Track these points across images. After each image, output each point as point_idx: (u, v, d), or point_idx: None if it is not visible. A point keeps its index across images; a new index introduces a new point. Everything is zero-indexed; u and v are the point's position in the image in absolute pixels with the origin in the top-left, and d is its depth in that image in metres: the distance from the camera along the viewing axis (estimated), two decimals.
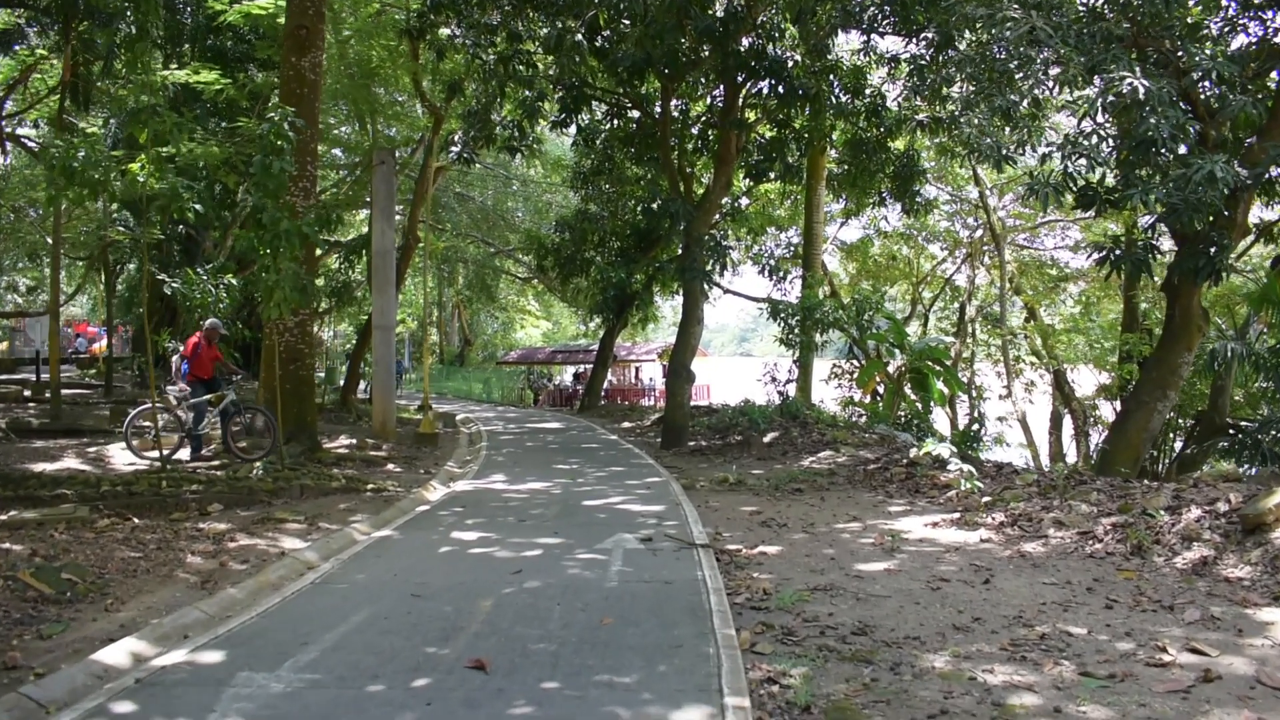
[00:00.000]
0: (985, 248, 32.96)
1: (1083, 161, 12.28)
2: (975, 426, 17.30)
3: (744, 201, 30.50)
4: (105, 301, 26.56)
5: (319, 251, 15.43)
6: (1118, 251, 13.23)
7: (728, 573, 7.81)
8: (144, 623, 6.19)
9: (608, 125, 22.53)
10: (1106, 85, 11.10)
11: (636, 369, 45.74)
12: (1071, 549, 8.50)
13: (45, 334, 44.36)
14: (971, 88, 12.86)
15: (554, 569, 7.57)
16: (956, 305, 35.23)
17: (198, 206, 11.80)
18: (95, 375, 34.09)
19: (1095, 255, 13.79)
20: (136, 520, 9.84)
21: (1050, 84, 12.64)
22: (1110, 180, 12.90)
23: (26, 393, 23.58)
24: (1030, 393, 30.20)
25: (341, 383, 35.70)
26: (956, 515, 10.28)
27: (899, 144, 21.45)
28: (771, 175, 21.97)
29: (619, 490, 12.46)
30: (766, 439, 17.58)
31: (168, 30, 24.14)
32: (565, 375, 50.22)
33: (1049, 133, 17.82)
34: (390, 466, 15.46)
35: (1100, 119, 12.07)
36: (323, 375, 40.80)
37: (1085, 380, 31.50)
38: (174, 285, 22.48)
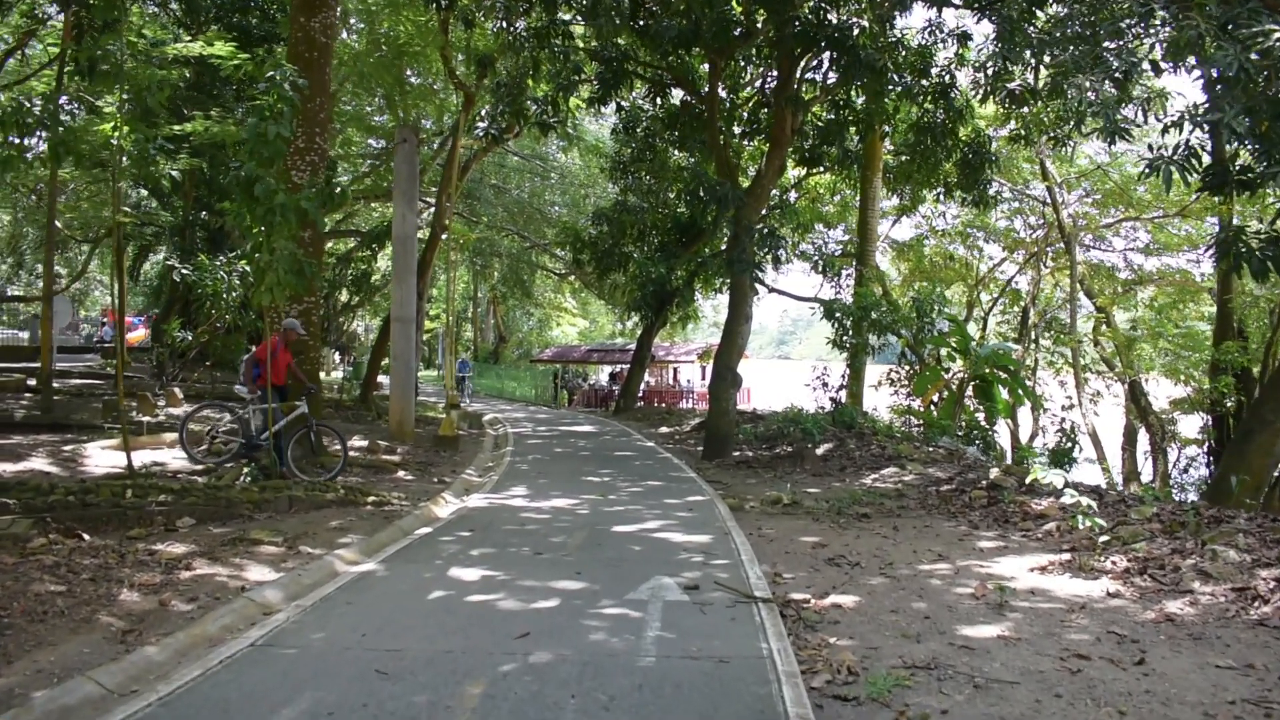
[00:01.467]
0: (1050, 248, 30.87)
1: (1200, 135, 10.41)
2: (1066, 443, 15.31)
3: (791, 196, 28.70)
4: (118, 288, 25.18)
5: (325, 228, 13.80)
6: (1241, 246, 11.28)
7: (796, 635, 6.08)
8: (11, 700, 4.56)
9: (649, 106, 20.81)
10: (1250, 41, 9.21)
11: (675, 370, 43.99)
12: (1230, 612, 6.67)
13: (79, 319, 43.47)
14: (1076, 49, 10.98)
15: (571, 632, 5.83)
16: (1017, 309, 33.13)
17: (174, 173, 10.24)
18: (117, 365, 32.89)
19: (1211, 249, 11.85)
20: (85, 538, 8.29)
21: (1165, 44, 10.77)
22: (1246, 157, 10.97)
23: (31, 382, 22.26)
24: (1095, 404, 28.12)
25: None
26: (1066, 556, 8.46)
27: (966, 131, 19.55)
28: (826, 163, 20.18)
29: (656, 511, 10.72)
30: (820, 451, 15.80)
31: (187, 4, 22.80)
32: (601, 375, 48.59)
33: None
34: (401, 474, 13.86)
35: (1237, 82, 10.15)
36: (350, 370, 39.53)
37: (1153, 392, 29.44)
38: (184, 271, 21.14)
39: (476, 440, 20.28)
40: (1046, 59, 12.81)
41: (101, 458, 12.62)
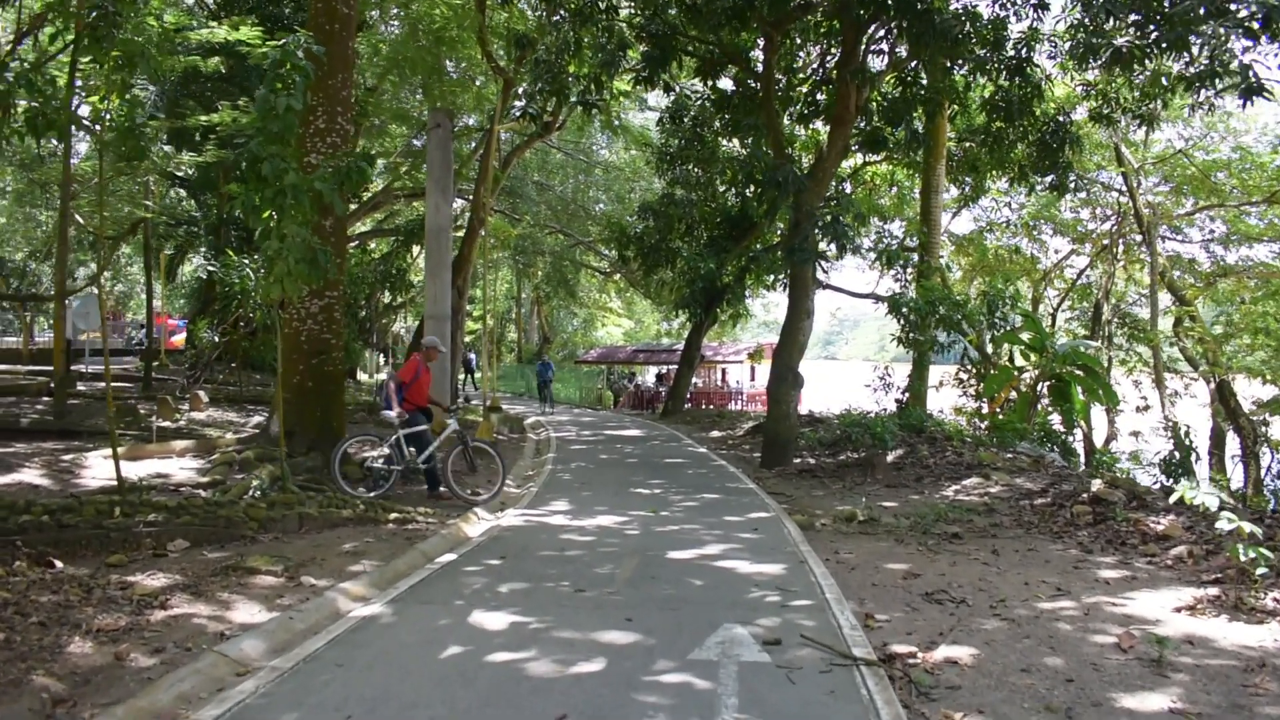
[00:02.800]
0: (1121, 240, 29.07)
1: None
2: (1177, 450, 13.64)
3: (845, 187, 27.19)
4: (147, 287, 24.30)
5: (344, 213, 12.58)
6: None
7: (911, 708, 4.72)
8: None
9: (698, 88, 19.43)
10: None
11: (723, 371, 42.55)
12: None
13: (124, 321, 42.87)
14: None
15: (620, 715, 4.49)
16: (1086, 305, 31.34)
17: (167, 148, 9.08)
18: (157, 368, 32.17)
19: None
20: (56, 565, 7.16)
21: None
22: None
23: (54, 385, 21.39)
24: (1173, 404, 26.30)
25: None
26: (1213, 592, 6.99)
27: (1043, 109, 17.98)
28: (890, 146, 18.70)
29: (716, 531, 9.35)
30: (890, 458, 14.36)
31: None
32: (647, 376, 47.30)
33: None
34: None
35: None
36: (390, 371, 38.39)
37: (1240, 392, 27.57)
38: (210, 269, 20.11)
39: (517, 446, 19.03)
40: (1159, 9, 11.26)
41: (103, 468, 11.51)
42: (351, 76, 13.33)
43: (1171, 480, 12.33)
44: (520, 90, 15.96)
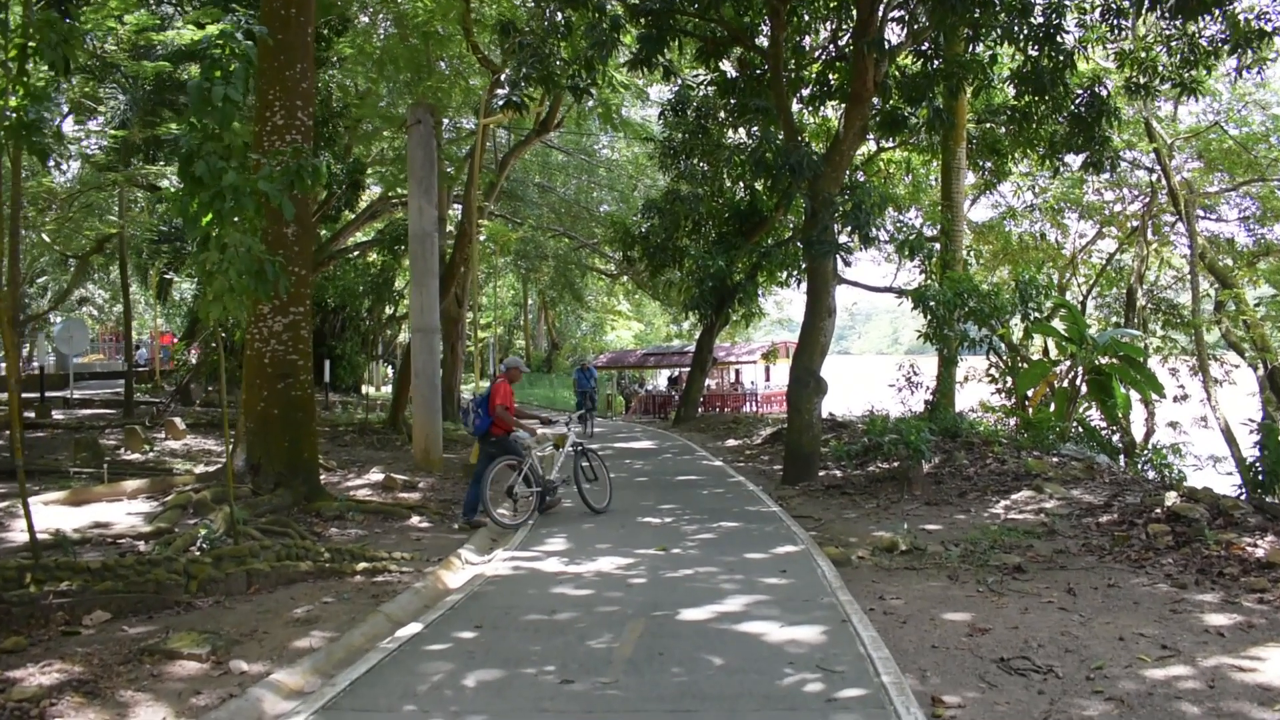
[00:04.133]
0: (1151, 220, 27.53)
1: None
2: (1264, 453, 12.07)
3: (859, 176, 25.74)
4: (124, 306, 22.99)
5: (292, 215, 11.30)
6: None
7: None
8: None
9: (700, 74, 18.04)
10: None
11: (737, 372, 41.14)
12: None
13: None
14: None
15: None
16: (1116, 291, 29.80)
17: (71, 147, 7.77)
18: (151, 390, 31.00)
19: None
20: None
21: None
22: None
23: (29, 414, 20.17)
24: (1212, 393, 24.78)
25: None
26: None
27: (1076, 80, 16.57)
28: (911, 126, 17.27)
29: (737, 575, 7.91)
30: (925, 468, 12.94)
31: None
32: (659, 379, 45.92)
33: None
34: (415, 520, 11.29)
35: None
36: (390, 388, 37.12)
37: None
38: (185, 288, 18.74)
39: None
40: None
41: (41, 517, 10.15)
42: (313, 67, 12.00)
43: (1261, 491, 10.87)
44: (503, 77, 14.55)
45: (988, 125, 22.16)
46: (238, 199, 8.28)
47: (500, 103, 12.73)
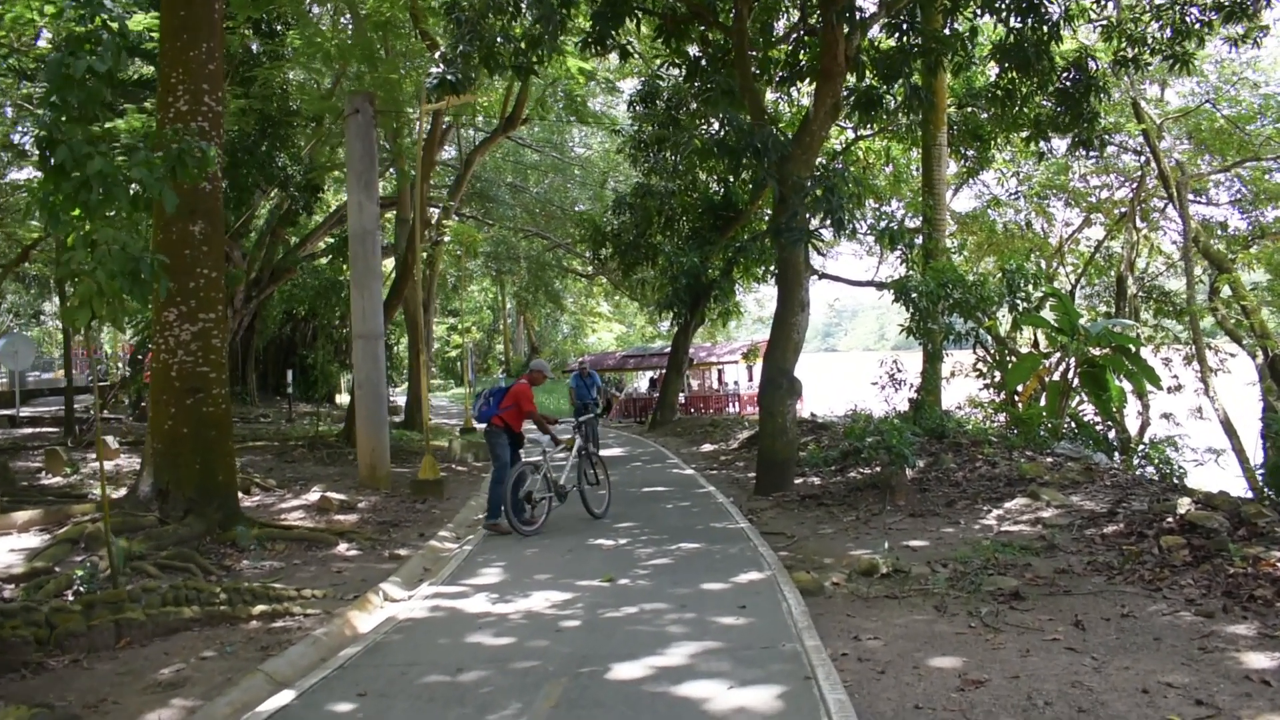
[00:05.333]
0: (1140, 205, 26.51)
1: None
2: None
3: (836, 165, 24.66)
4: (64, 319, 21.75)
5: (172, 207, 10.11)
6: None
7: None
8: None
9: (662, 56, 16.91)
10: None
11: (719, 372, 40.06)
12: None
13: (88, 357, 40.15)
14: None
15: None
16: (1105, 280, 28.77)
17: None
18: (115, 406, 29.70)
19: None
20: None
21: None
22: None
23: None
24: (1210, 383, 23.76)
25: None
26: None
27: (1063, 51, 15.56)
28: (887, 107, 16.20)
29: (689, 612, 6.73)
30: (910, 473, 11.83)
31: None
32: (640, 381, 44.77)
33: None
34: (342, 547, 10.11)
35: None
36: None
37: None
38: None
39: (476, 478, 16.53)
40: None
41: None
42: (221, 47, 10.83)
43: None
44: (438, 55, 13.37)
45: (969, 109, 21.16)
46: (108, 189, 7.16)
47: (433, 83, 11.57)
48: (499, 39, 12.25)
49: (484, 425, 11.49)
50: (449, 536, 10.86)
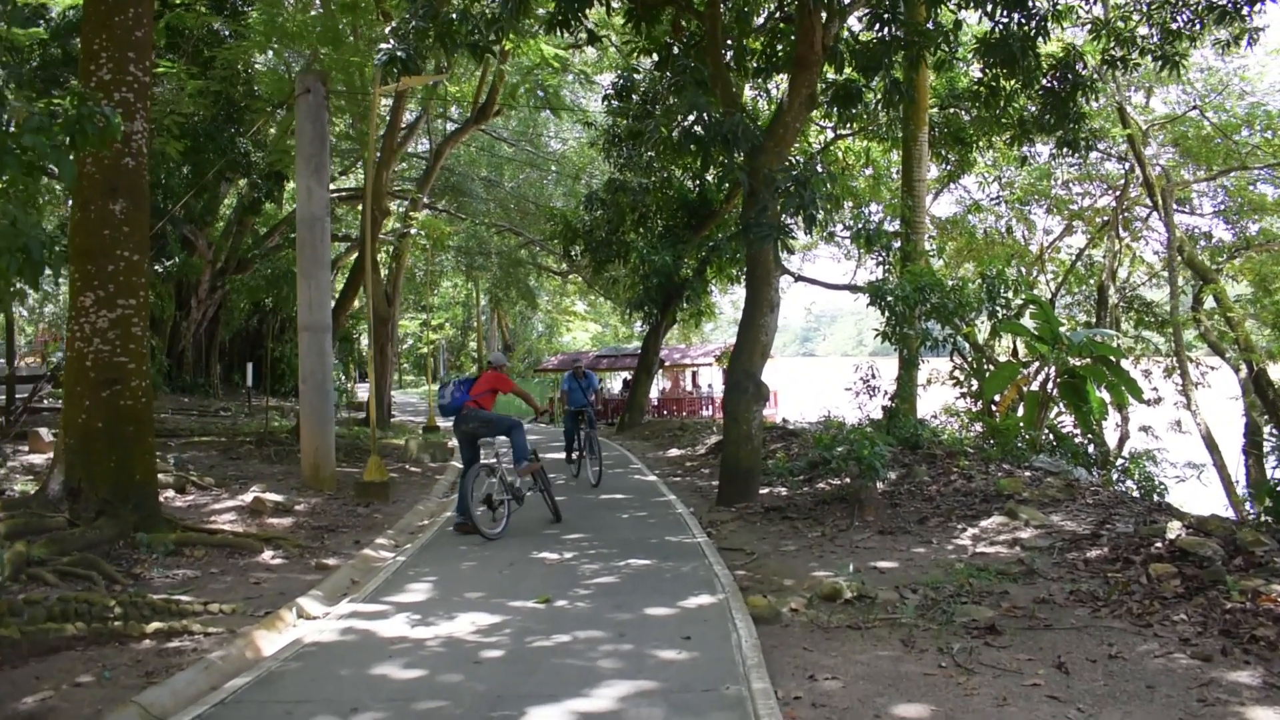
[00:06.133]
0: (1122, 214, 26.00)
1: None
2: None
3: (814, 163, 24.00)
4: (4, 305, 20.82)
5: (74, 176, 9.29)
6: None
7: None
8: None
9: (645, 64, 16.23)
10: None
11: (693, 374, 39.41)
12: None
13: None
14: None
15: None
16: (1085, 289, 28.26)
17: None
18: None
19: None
20: None
21: None
22: None
23: None
24: (1192, 396, 23.29)
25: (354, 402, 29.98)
26: None
27: (1050, 48, 14.98)
28: (866, 102, 15.58)
29: (625, 646, 5.98)
30: (881, 485, 11.16)
31: None
32: (614, 382, 44.02)
33: None
34: (267, 555, 9.34)
35: None
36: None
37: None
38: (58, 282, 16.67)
39: (429, 480, 15.78)
40: None
41: None
42: (150, 12, 10.03)
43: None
44: (388, 30, 12.59)
45: (952, 110, 20.59)
46: None
47: (383, 59, 10.82)
48: (454, 16, 11.48)
49: (453, 416, 11.01)
50: (386, 544, 10.11)
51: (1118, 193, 25.68)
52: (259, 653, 6.29)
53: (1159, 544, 7.69)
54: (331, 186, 34.35)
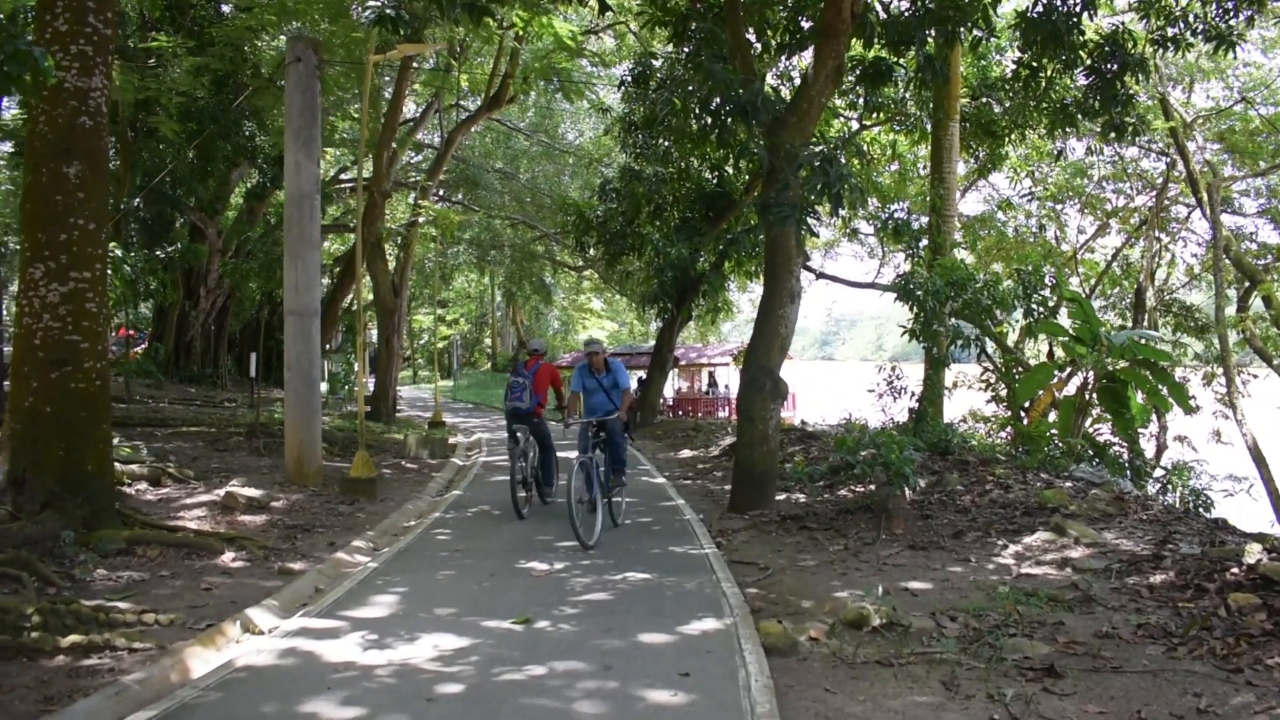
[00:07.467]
0: (1161, 214, 24.86)
1: None
2: None
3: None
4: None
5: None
6: None
7: None
8: None
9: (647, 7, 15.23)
10: None
11: (709, 374, 38.38)
12: None
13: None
14: None
15: None
16: (1120, 290, 27.10)
17: None
18: None
19: None
20: None
21: None
22: None
23: None
24: (1238, 405, 22.13)
25: (346, 392, 29.13)
26: None
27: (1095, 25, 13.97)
28: (895, 80, 14.58)
29: (610, 684, 4.92)
30: (909, 494, 10.14)
31: None
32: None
33: None
34: (227, 556, 8.42)
35: None
36: (325, 387, 34.31)
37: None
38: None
39: (423, 478, 14.84)
40: None
41: None
42: None
43: None
44: None
45: (984, 100, 19.55)
46: None
47: (370, 16, 9.91)
48: None
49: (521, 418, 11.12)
50: (363, 547, 9.19)
51: (1155, 191, 24.52)
52: (186, 675, 5.37)
53: (1235, 569, 6.67)
54: (344, 176, 33.76)
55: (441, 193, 33.34)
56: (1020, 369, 18.61)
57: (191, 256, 26.47)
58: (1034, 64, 13.90)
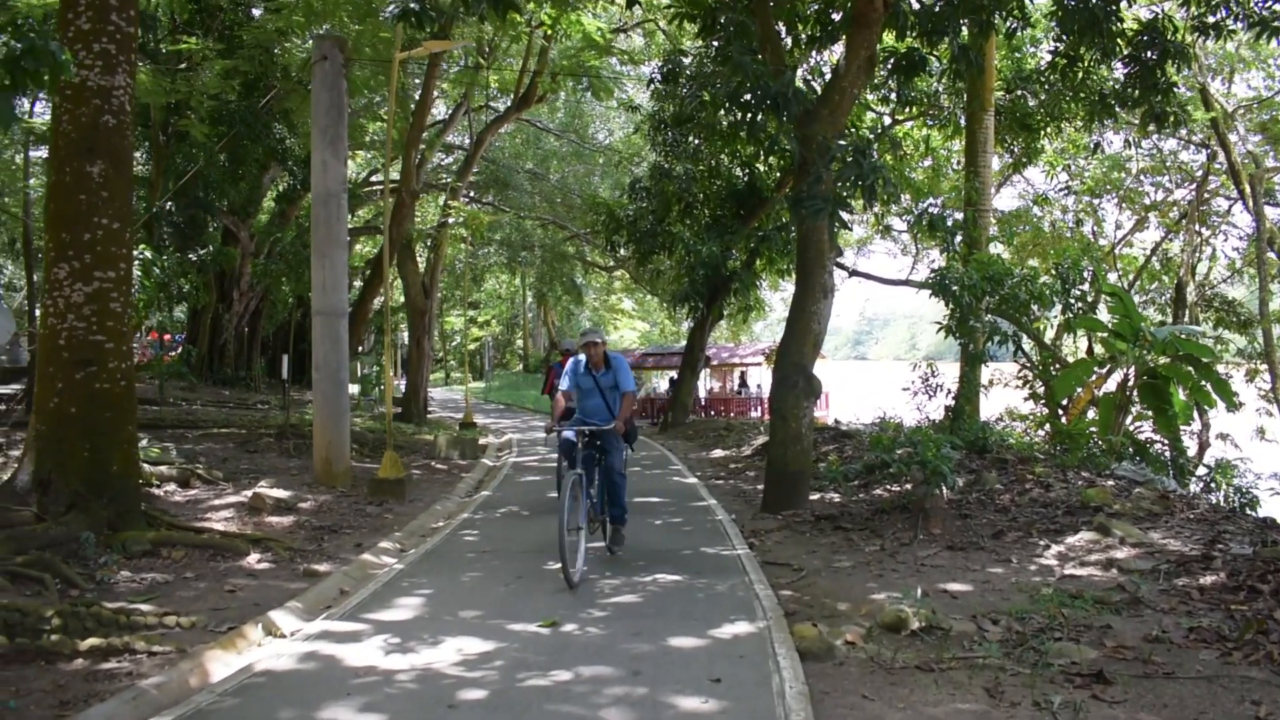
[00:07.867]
0: (1201, 208, 24.35)
1: None
2: None
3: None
4: (28, 297, 20.21)
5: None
6: None
7: None
8: None
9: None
10: None
11: (742, 374, 38.10)
12: None
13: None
14: None
15: None
16: (1158, 286, 26.60)
17: None
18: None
19: None
20: None
21: None
22: None
23: None
24: (1278, 401, 21.67)
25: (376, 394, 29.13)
26: None
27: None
28: (931, 71, 14.30)
29: (639, 690, 4.76)
30: (947, 494, 9.89)
31: None
32: (660, 382, 42.86)
33: None
34: (253, 558, 8.32)
35: None
36: (357, 388, 34.32)
37: None
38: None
39: (452, 479, 14.74)
40: None
41: None
42: None
43: None
44: None
45: (1019, 93, 19.21)
46: None
47: (394, 10, 9.80)
48: None
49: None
50: (390, 549, 9.07)
51: (1195, 184, 24.04)
52: (204, 679, 5.25)
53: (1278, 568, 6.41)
54: (375, 178, 33.79)
55: (472, 194, 33.34)
56: (1058, 365, 18.26)
57: (224, 259, 26.58)
58: (1071, 53, 13.60)
